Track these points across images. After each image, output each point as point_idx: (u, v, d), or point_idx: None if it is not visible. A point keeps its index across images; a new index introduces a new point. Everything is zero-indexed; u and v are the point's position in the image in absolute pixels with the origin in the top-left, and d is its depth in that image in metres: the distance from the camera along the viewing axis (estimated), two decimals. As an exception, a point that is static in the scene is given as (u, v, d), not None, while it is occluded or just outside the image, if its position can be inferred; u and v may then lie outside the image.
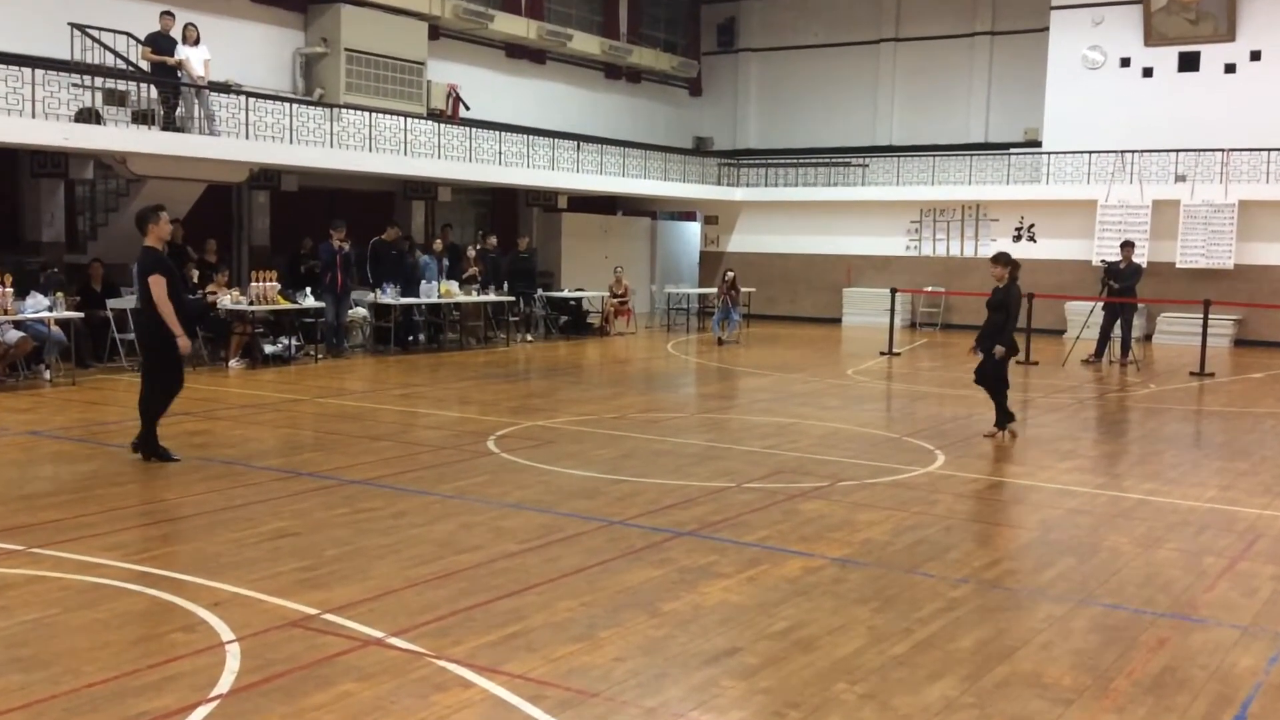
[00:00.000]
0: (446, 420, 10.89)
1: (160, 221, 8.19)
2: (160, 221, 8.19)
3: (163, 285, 8.08)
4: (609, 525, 6.83)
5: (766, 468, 8.73)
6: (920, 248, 24.57)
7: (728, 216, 26.74)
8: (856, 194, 24.92)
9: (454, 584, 5.60)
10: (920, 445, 9.86)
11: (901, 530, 6.89)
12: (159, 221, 8.19)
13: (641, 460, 8.96)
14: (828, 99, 27.11)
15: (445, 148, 18.94)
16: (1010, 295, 9.93)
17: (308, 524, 6.71)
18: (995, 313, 10.02)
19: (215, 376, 13.63)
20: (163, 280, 8.09)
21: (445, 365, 15.69)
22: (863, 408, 12.29)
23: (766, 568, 6.01)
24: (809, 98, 27.40)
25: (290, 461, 8.56)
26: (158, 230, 8.19)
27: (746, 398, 13.36)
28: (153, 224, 8.17)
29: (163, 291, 8.07)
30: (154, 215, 8.19)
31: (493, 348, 18.14)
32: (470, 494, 7.59)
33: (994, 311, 10.04)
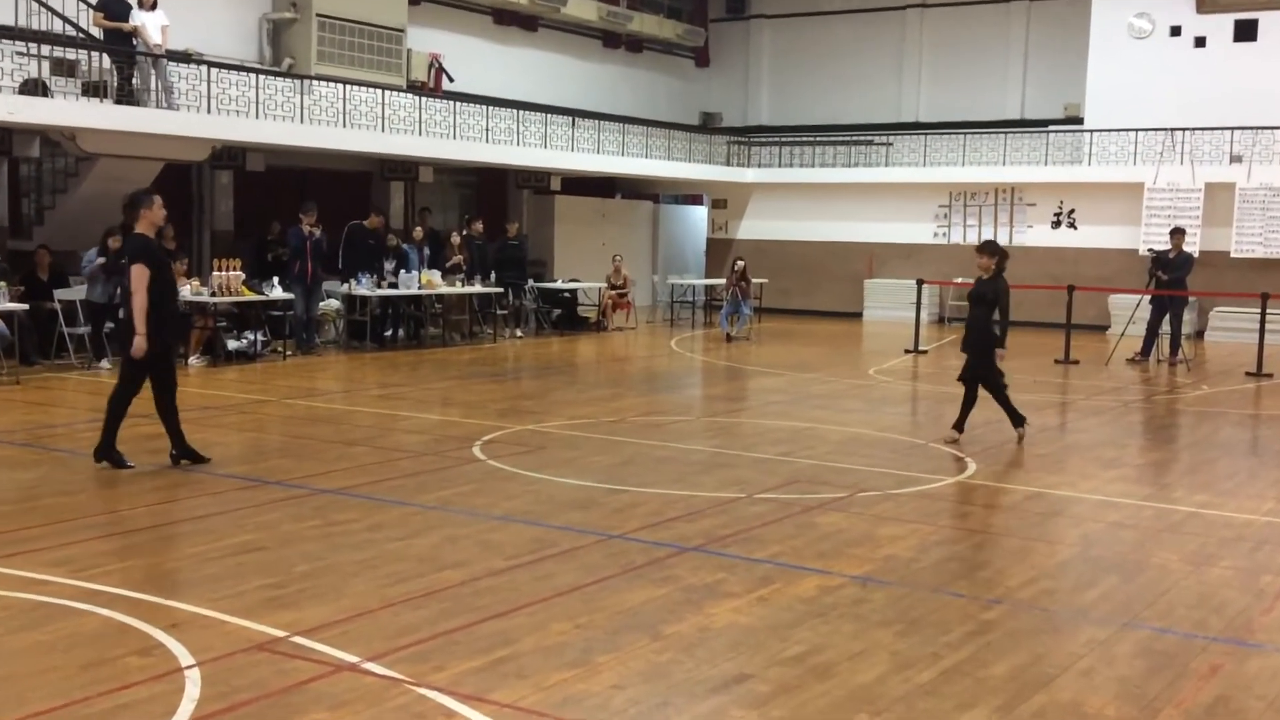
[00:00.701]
0: (428, 424, 10.89)
1: (154, 206, 8.23)
2: (154, 206, 8.23)
3: (145, 276, 8.08)
4: (606, 539, 6.83)
5: (780, 477, 8.73)
6: (949, 235, 24.57)
7: (737, 200, 26.75)
8: (879, 175, 24.92)
9: (436, 604, 5.60)
10: (949, 452, 9.86)
11: (928, 546, 6.89)
12: (152, 206, 8.23)
13: (642, 468, 8.96)
14: (848, 71, 27.11)
15: (427, 124, 18.95)
16: (1000, 289, 9.92)
17: (275, 537, 6.71)
18: (978, 306, 10.02)
19: (173, 375, 13.63)
20: (146, 272, 8.09)
21: (426, 363, 15.70)
22: (886, 411, 12.29)
23: (779, 587, 6.01)
24: (827, 69, 27.40)
25: (256, 469, 8.56)
26: (150, 216, 8.23)
27: (758, 400, 13.36)
28: (145, 209, 8.21)
29: (143, 282, 8.07)
30: (147, 200, 8.23)
31: (479, 344, 18.15)
32: (454, 505, 7.60)
33: (976, 305, 10.06)
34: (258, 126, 16.31)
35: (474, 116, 19.84)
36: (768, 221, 26.34)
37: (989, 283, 9.98)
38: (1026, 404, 12.85)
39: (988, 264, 10.02)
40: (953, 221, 24.54)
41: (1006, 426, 11.41)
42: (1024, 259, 23.66)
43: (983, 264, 10.08)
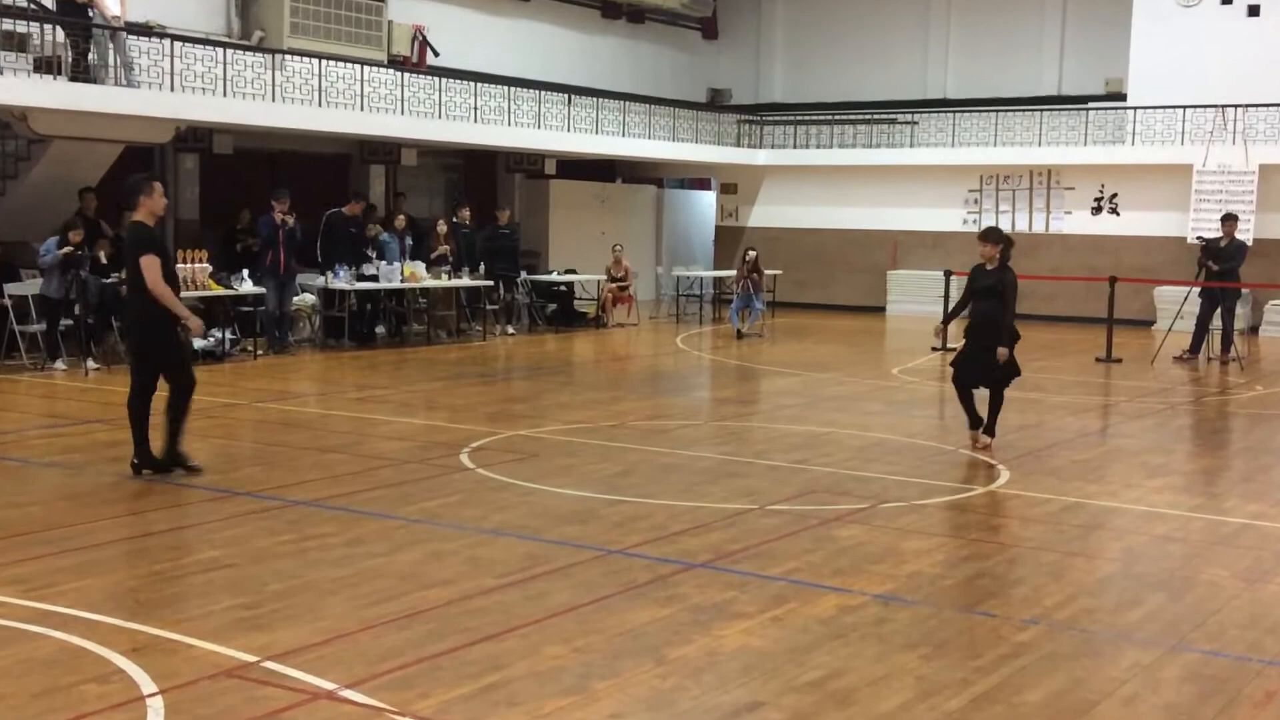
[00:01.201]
0: (411, 429, 10.90)
1: (154, 194, 8.39)
2: (154, 194, 8.39)
3: (157, 266, 8.24)
4: (606, 555, 6.84)
5: (795, 486, 8.73)
6: (980, 222, 24.50)
7: (749, 184, 26.75)
8: (903, 157, 24.92)
9: (420, 625, 5.61)
10: (979, 459, 9.86)
11: (957, 561, 6.89)
12: (152, 193, 8.38)
13: (645, 477, 8.97)
14: (869, 43, 27.10)
15: (410, 102, 18.96)
16: (1005, 280, 9.91)
17: (245, 553, 6.72)
18: (982, 300, 9.99)
19: (134, 376, 13.64)
20: (157, 261, 8.25)
21: (410, 363, 15.71)
22: (911, 414, 12.29)
23: (795, 606, 6.02)
24: (846, 41, 27.40)
25: (224, 479, 8.57)
26: (150, 204, 8.38)
27: (771, 402, 13.36)
28: (144, 196, 8.36)
29: (158, 273, 8.23)
30: (146, 186, 8.38)
31: (466, 342, 18.16)
32: (440, 518, 7.61)
33: (980, 298, 10.02)
34: (225, 105, 16.33)
35: (461, 94, 19.84)
36: (781, 208, 26.34)
37: (996, 273, 9.94)
38: (1065, 406, 12.87)
39: (992, 253, 9.97)
40: (984, 207, 24.52)
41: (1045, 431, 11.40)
42: (1061, 248, 23.69)
43: (986, 253, 10.03)
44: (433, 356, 16.35)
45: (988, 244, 10.02)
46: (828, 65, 27.65)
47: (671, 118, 24.38)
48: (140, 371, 8.48)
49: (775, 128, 26.48)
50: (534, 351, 17.55)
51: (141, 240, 8.32)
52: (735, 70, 28.60)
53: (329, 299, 16.99)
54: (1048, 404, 13.09)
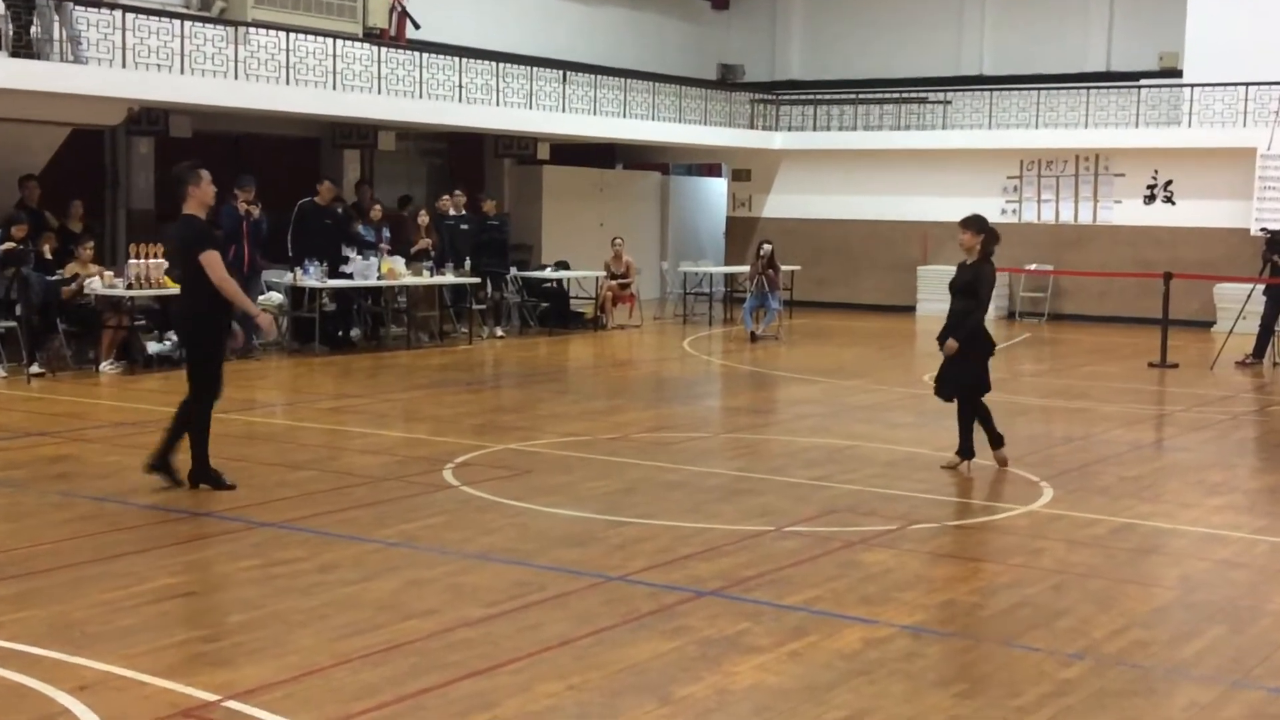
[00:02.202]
0: (389, 442, 10.90)
1: (202, 183, 8.53)
2: (202, 183, 8.53)
3: (220, 261, 8.44)
4: (605, 582, 6.83)
5: (815, 506, 8.72)
6: (1020, 212, 24.56)
7: (763, 170, 26.76)
8: (935, 140, 24.93)
9: (399, 660, 5.61)
10: (1021, 475, 9.85)
11: (995, 589, 6.88)
12: (200, 182, 8.53)
13: (648, 496, 8.97)
14: (897, 14, 27.12)
15: (388, 79, 18.98)
16: (981, 275, 9.70)
17: (205, 580, 6.71)
18: (958, 298, 9.80)
19: (82, 384, 13.66)
20: (216, 255, 8.44)
21: (388, 369, 15.71)
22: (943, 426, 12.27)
23: (815, 639, 6.01)
24: (872, 12, 27.42)
25: (182, 498, 8.57)
26: (200, 194, 8.54)
27: (789, 412, 13.35)
28: (193, 186, 8.51)
29: (223, 268, 8.44)
30: (193, 175, 8.53)
31: (451, 345, 18.16)
32: (421, 541, 7.60)
33: (960, 296, 9.83)
34: (183, 84, 16.35)
35: (444, 70, 19.87)
36: (800, 196, 26.35)
37: (972, 268, 9.79)
38: (1115, 417, 12.85)
39: (971, 243, 9.71)
40: (1024, 195, 24.52)
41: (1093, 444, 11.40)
42: (1110, 241, 23.69)
43: (965, 242, 9.76)
44: (413, 362, 16.35)
45: (967, 232, 9.73)
46: (851, 38, 27.67)
47: (678, 97, 24.40)
48: (201, 373, 8.63)
49: (793, 108, 26.50)
50: (525, 356, 17.55)
51: (196, 235, 8.48)
52: (748, 44, 28.62)
53: (298, 298, 16.99)
54: (1096, 414, 13.07)
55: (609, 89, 22.87)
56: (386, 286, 17.63)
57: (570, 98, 22.01)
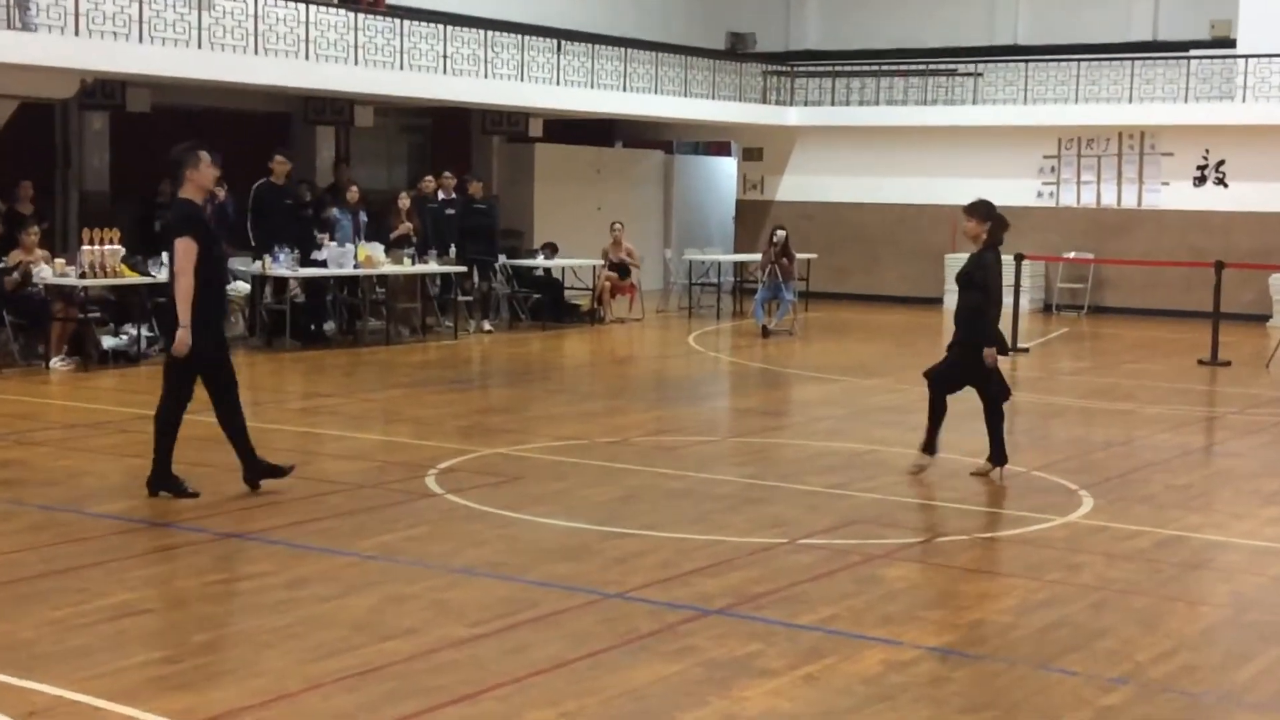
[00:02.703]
0: (366, 446, 10.90)
1: (200, 165, 8.53)
2: (200, 165, 8.53)
3: (193, 253, 8.38)
4: (602, 599, 6.84)
5: (833, 516, 8.72)
6: (1058, 195, 24.55)
7: (777, 149, 26.75)
8: (965, 116, 24.91)
9: (377, 684, 5.61)
10: (1057, 483, 9.85)
11: (1030, 607, 6.89)
12: (198, 165, 8.53)
13: (651, 505, 8.97)
14: (923, -22, 27.09)
15: (365, 49, 18.98)
16: (986, 265, 9.65)
17: (165, 597, 6.71)
18: (963, 289, 9.78)
19: (30, 382, 13.66)
20: (194, 246, 8.39)
21: (365, 366, 15.71)
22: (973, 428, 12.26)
23: (832, 662, 6.02)
24: (896, -24, 27.39)
25: (140, 506, 8.57)
26: (197, 177, 8.56)
27: (804, 414, 13.35)
28: (190, 169, 8.52)
29: (190, 260, 8.38)
30: (191, 157, 8.53)
31: (434, 341, 18.15)
32: (401, 553, 7.61)
33: (961, 288, 9.81)
34: (141, 54, 16.34)
35: (427, 39, 19.86)
36: (817, 178, 26.34)
37: (977, 257, 9.78)
38: (1161, 419, 12.84)
39: (977, 231, 9.68)
40: (1062, 177, 24.51)
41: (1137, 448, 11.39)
42: (1156, 227, 23.67)
43: (970, 230, 9.73)
44: (393, 358, 16.35)
45: (972, 219, 9.69)
46: (873, 4, 27.66)
47: (683, 68, 24.39)
48: (176, 375, 8.59)
49: (809, 80, 26.48)
50: (516, 352, 17.54)
51: (180, 219, 8.48)
52: (760, 11, 28.60)
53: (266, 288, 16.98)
54: (1140, 416, 13.07)
55: (607, 60, 22.86)
56: (364, 276, 17.62)
57: (565, 69, 22.01)
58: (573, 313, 20.93)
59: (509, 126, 23.10)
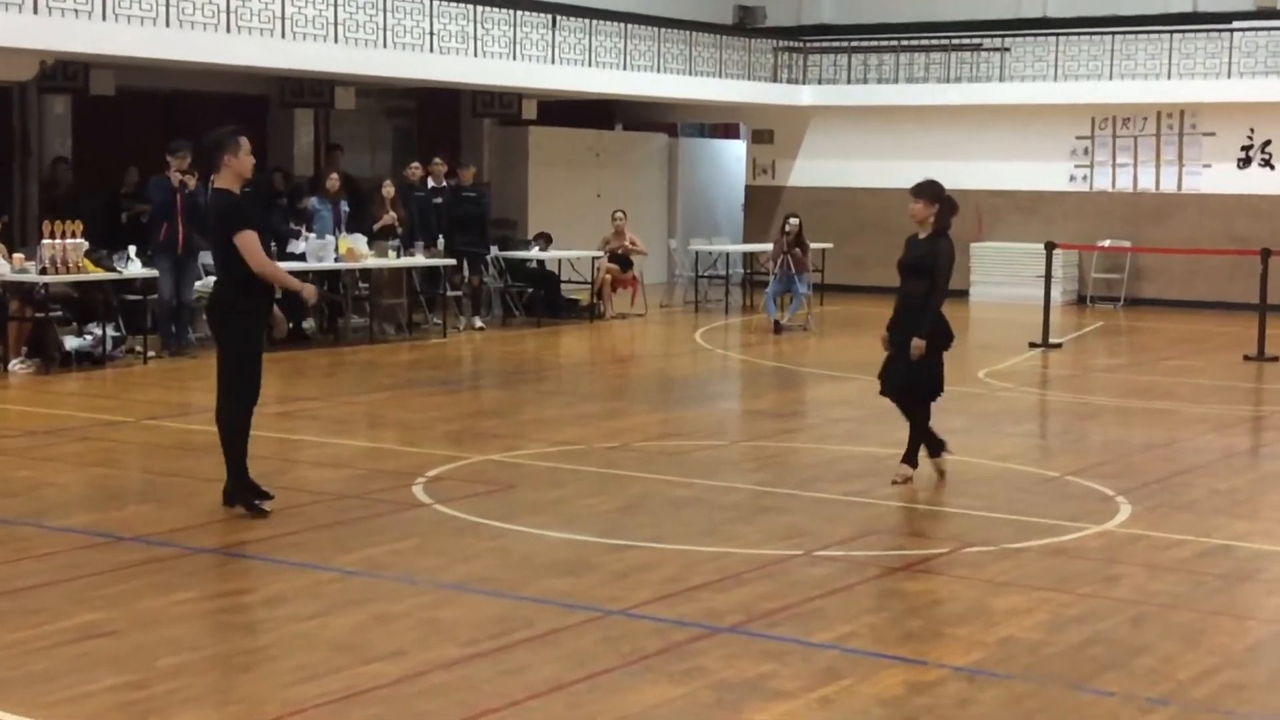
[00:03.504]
0: (349, 453, 10.89)
1: (240, 152, 8.58)
2: (240, 152, 8.58)
3: (257, 243, 8.52)
4: (604, 616, 6.83)
5: (851, 525, 8.72)
6: (1092, 179, 24.53)
7: (789, 130, 26.74)
8: (991, 94, 24.88)
9: (361, 709, 5.60)
10: (1093, 489, 9.85)
11: (1063, 623, 6.88)
12: (238, 152, 8.57)
13: (655, 514, 8.97)
14: (945, -54, 27.05)
15: (346, 26, 18.97)
16: (938, 251, 9.63)
17: (132, 617, 6.71)
18: (910, 279, 9.74)
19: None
20: (254, 236, 8.52)
21: (347, 367, 15.70)
22: (1002, 431, 12.27)
23: (850, 683, 6.01)
24: (916, -56, 27.35)
25: (105, 519, 8.57)
26: (237, 165, 8.59)
27: (819, 415, 13.35)
28: (230, 155, 8.55)
29: (261, 251, 8.57)
30: (233, 142, 8.57)
31: (422, 339, 18.15)
32: (386, 569, 7.60)
33: (907, 277, 9.77)
34: (105, 32, 16.33)
35: (412, 15, 19.85)
36: (832, 161, 26.32)
37: (926, 243, 9.74)
38: (1204, 419, 12.83)
39: (924, 214, 9.67)
40: (1096, 159, 24.49)
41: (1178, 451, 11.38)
42: (1198, 212, 23.64)
43: (917, 213, 9.71)
44: (377, 358, 16.35)
45: (920, 201, 9.70)
46: (891, -25, 27.59)
47: (687, 45, 24.38)
48: (239, 370, 8.68)
49: (823, 57, 26.47)
50: (510, 351, 17.54)
51: (231, 213, 8.54)
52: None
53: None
54: (1182, 416, 13.05)
55: (606, 36, 22.85)
56: (345, 270, 17.62)
57: (561, 46, 22.01)
58: (570, 308, 20.93)
59: (501, 108, 23.10)
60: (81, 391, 13.60)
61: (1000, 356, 17.08)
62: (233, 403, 8.69)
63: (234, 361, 8.70)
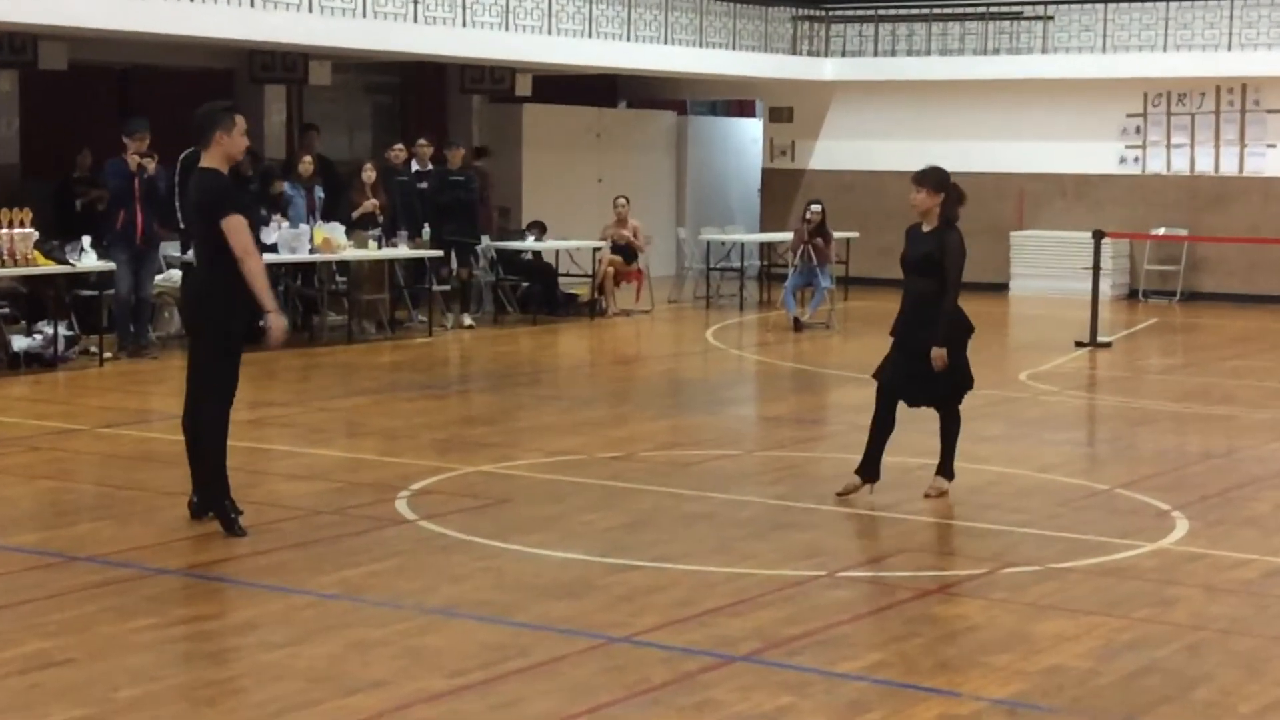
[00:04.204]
0: (325, 464, 10.89)
1: (234, 130, 8.58)
2: (234, 130, 8.58)
3: (245, 228, 8.53)
4: (607, 644, 6.83)
5: (879, 544, 8.71)
6: (1145, 161, 24.50)
7: (810, 108, 26.72)
8: (1033, 68, 24.83)
9: (339, 747, 5.61)
10: (1146, 503, 9.83)
11: (1114, 651, 6.87)
12: (232, 130, 8.58)
13: (663, 531, 8.96)
14: (982, -96, 27.06)
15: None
16: (947, 246, 9.58)
17: (87, 645, 6.70)
18: (916, 275, 9.69)
19: (-73, 391, 13.66)
20: (242, 221, 8.52)
21: (323, 369, 15.70)
22: (1045, 439, 12.25)
23: (879, 717, 6.01)
24: (950, -98, 27.36)
25: (56, 537, 8.56)
26: (229, 144, 8.61)
27: (844, 422, 13.32)
28: (223, 132, 8.56)
29: (250, 239, 8.58)
30: (227, 119, 8.58)
31: (406, 339, 18.15)
32: (367, 591, 7.60)
33: (913, 274, 9.73)
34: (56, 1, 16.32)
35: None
36: (857, 142, 26.29)
37: (933, 237, 9.68)
38: (1269, 426, 12.82)
39: (928, 204, 9.62)
40: (1149, 139, 24.45)
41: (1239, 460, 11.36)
42: (1261, 198, 23.61)
43: (920, 203, 9.65)
44: (356, 360, 16.35)
45: (922, 190, 9.64)
46: (923, -64, 27.60)
47: (697, 14, 24.35)
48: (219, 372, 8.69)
49: (847, 27, 26.45)
50: (502, 351, 17.53)
51: (220, 195, 8.55)
52: (789, -56, 28.56)
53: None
54: (1243, 423, 13.03)
55: (608, 4, 22.82)
56: (321, 262, 17.61)
57: (558, 16, 21.99)
58: (569, 304, 20.92)
59: (492, 84, 23.08)
60: (30, 396, 13.60)
61: (1043, 357, 17.06)
62: (214, 401, 8.68)
63: (214, 356, 8.68)
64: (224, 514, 8.61)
